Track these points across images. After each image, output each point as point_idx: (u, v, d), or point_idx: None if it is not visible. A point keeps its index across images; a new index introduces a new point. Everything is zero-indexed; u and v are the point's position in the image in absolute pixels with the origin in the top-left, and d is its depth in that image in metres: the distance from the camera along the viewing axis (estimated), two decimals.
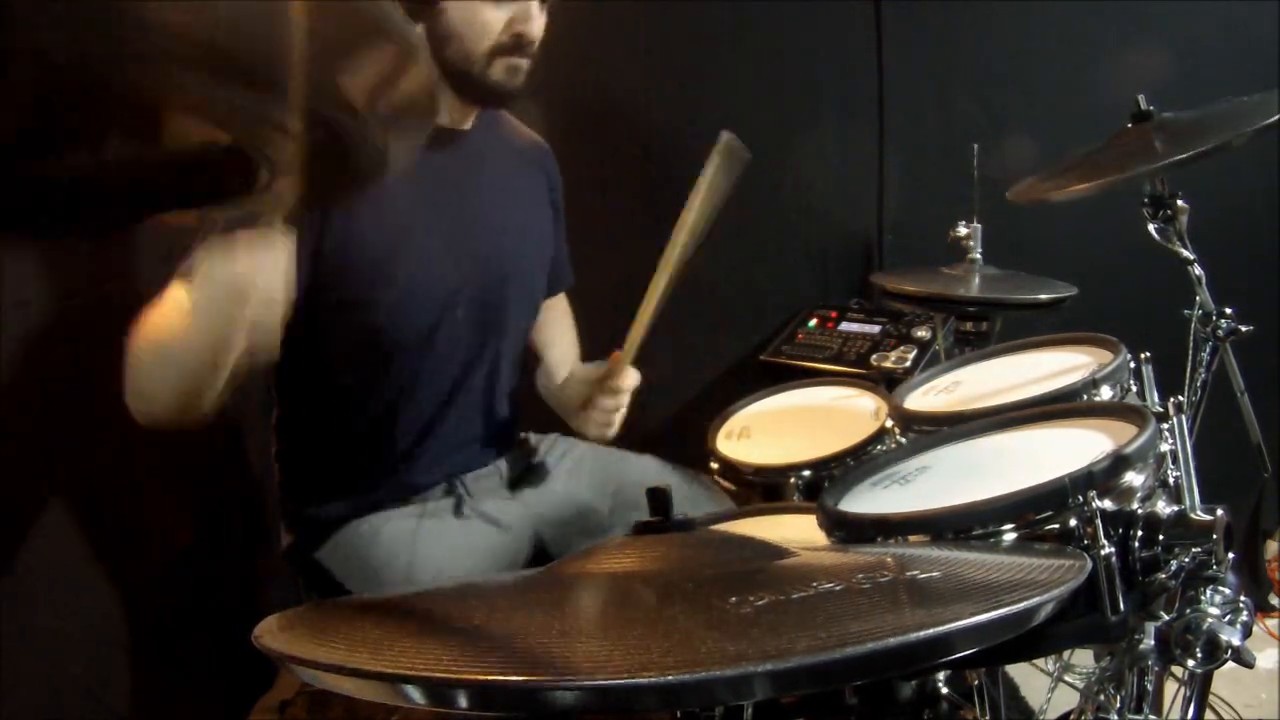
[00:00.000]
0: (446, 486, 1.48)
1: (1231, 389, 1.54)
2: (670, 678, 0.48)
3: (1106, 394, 1.15)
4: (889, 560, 0.74)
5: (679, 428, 2.39)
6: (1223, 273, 1.55)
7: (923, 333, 2.17)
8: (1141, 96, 1.53)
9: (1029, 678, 1.73)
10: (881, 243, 2.44)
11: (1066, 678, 1.48)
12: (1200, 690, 0.99)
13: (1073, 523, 0.84)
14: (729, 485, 1.54)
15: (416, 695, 0.51)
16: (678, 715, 0.86)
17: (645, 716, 1.05)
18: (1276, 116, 1.32)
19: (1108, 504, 0.84)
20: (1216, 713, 1.71)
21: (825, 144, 2.39)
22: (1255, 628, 0.93)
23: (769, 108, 2.33)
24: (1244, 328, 1.49)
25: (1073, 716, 1.13)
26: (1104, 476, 0.85)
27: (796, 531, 1.24)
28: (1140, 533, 0.83)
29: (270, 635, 0.64)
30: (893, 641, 0.50)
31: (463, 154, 1.44)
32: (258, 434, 1.77)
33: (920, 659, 0.53)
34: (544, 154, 1.63)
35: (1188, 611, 0.84)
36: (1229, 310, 1.50)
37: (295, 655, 0.58)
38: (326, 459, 1.47)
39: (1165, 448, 0.97)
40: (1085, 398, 1.14)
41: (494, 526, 1.47)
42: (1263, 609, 2.13)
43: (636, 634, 0.56)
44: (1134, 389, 1.19)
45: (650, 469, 1.60)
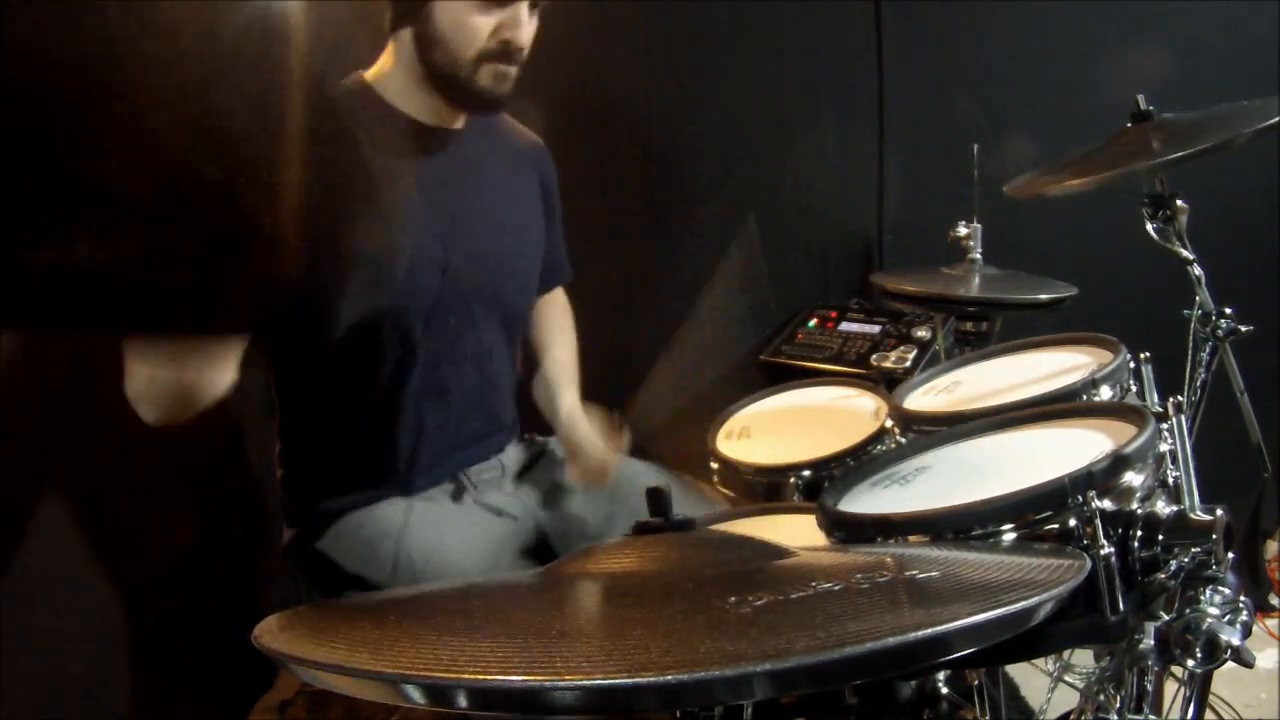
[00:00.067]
0: (451, 480, 1.49)
1: (1231, 389, 1.54)
2: (670, 678, 0.48)
3: (1106, 394, 1.15)
4: (888, 560, 0.74)
5: (679, 428, 2.39)
6: (1223, 273, 1.55)
7: (923, 333, 2.17)
8: (1141, 96, 1.54)
9: (1029, 678, 1.73)
10: (881, 243, 2.44)
11: (1066, 678, 1.48)
12: (1200, 690, 0.99)
13: (1072, 523, 0.84)
14: (726, 490, 1.54)
15: (416, 695, 0.51)
16: (677, 715, 0.86)
17: (645, 716, 1.05)
18: (1276, 119, 1.32)
19: (1107, 504, 0.84)
20: (1216, 713, 1.71)
21: (825, 144, 2.39)
22: (1255, 628, 0.93)
23: (769, 108, 2.33)
24: (1244, 328, 1.49)
25: (1073, 716, 1.13)
26: (1104, 476, 0.85)
27: (796, 531, 1.24)
28: (1140, 533, 0.83)
29: (270, 635, 0.64)
30: (892, 641, 0.50)
31: (458, 154, 1.44)
32: (258, 434, 1.77)
33: (920, 659, 0.53)
34: (540, 153, 1.62)
35: (1187, 611, 0.84)
36: (1229, 310, 1.50)
37: (295, 655, 0.58)
38: (328, 459, 1.47)
39: (1165, 448, 0.97)
40: (1085, 398, 1.14)
41: (492, 513, 1.48)
42: (1263, 609, 2.13)
43: (636, 634, 0.56)
44: (1134, 389, 1.19)
45: (648, 474, 1.60)
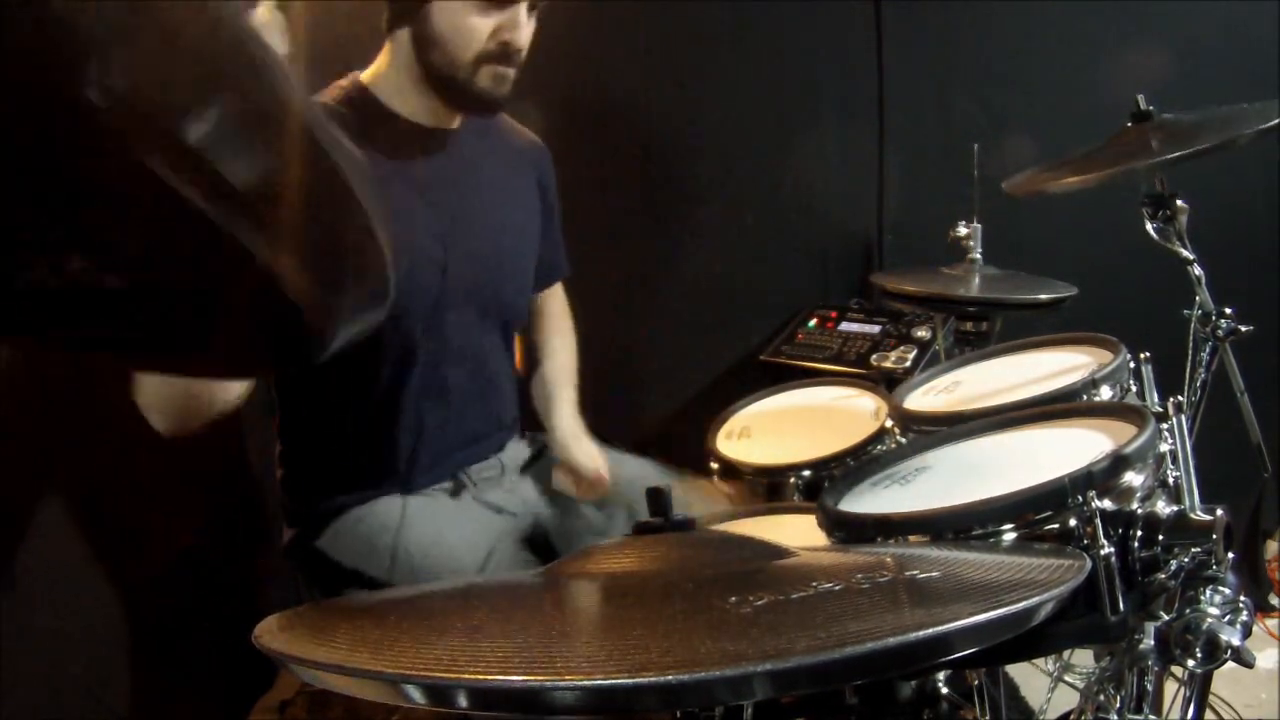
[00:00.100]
0: (451, 479, 1.49)
1: (1231, 389, 1.54)
2: (670, 678, 0.48)
3: (1106, 394, 1.15)
4: (888, 560, 0.74)
5: (679, 428, 2.39)
6: (1223, 273, 1.55)
7: (923, 333, 2.16)
8: (1141, 96, 1.54)
9: (1029, 678, 1.73)
10: (881, 243, 2.44)
11: (1066, 678, 1.48)
12: (1200, 690, 0.99)
13: (1072, 523, 0.84)
14: (726, 489, 1.54)
15: (416, 695, 0.50)
16: (677, 715, 0.86)
17: (645, 717, 1.05)
18: (1275, 121, 1.32)
19: (1107, 504, 0.84)
20: (1216, 713, 1.71)
21: (825, 144, 2.39)
22: (1255, 628, 0.93)
23: (769, 108, 2.33)
24: (1244, 328, 1.49)
25: (1073, 716, 1.13)
26: (1104, 476, 0.85)
27: (796, 531, 1.24)
28: (1140, 533, 0.83)
29: (270, 635, 0.64)
30: (892, 641, 0.50)
31: (455, 154, 1.44)
32: (258, 434, 1.77)
33: (920, 659, 0.53)
34: (538, 152, 1.62)
35: (1188, 611, 0.84)
36: (1229, 310, 1.50)
37: (295, 655, 0.58)
38: (328, 458, 1.47)
39: (1165, 448, 0.97)
40: (1085, 398, 1.14)
41: (491, 509, 1.48)
42: (1263, 609, 2.13)
43: (636, 634, 0.56)
44: (1134, 389, 1.19)
45: (647, 471, 1.60)
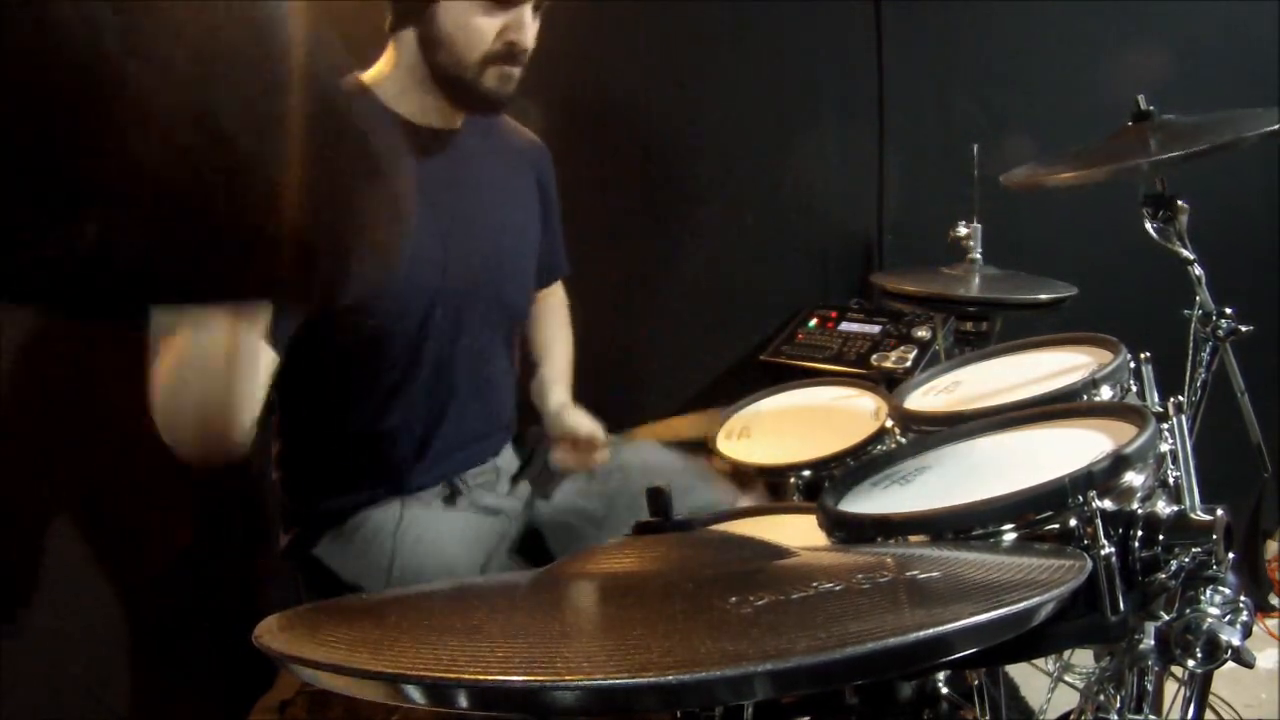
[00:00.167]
0: (446, 484, 1.49)
1: (1231, 389, 1.54)
2: (670, 678, 0.48)
3: (1106, 394, 1.15)
4: (889, 560, 0.74)
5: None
6: (1223, 273, 1.55)
7: (923, 333, 2.16)
8: (1141, 96, 1.54)
9: (1029, 678, 1.73)
10: (881, 243, 2.44)
11: (1066, 678, 1.48)
12: (1200, 690, 0.99)
13: (1073, 523, 0.84)
14: (725, 468, 1.54)
15: (416, 695, 0.50)
16: (678, 715, 0.86)
17: (645, 717, 1.05)
18: (1276, 126, 1.32)
19: (1108, 504, 0.84)
20: (1216, 713, 1.71)
21: (825, 144, 2.39)
22: (1255, 628, 0.93)
23: (769, 108, 2.33)
24: (1244, 328, 1.49)
25: (1073, 716, 1.13)
26: (1104, 476, 0.85)
27: (796, 531, 1.24)
28: (1140, 533, 0.83)
29: (270, 635, 0.64)
30: (893, 642, 0.50)
31: (457, 154, 1.44)
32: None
33: (920, 659, 0.53)
34: (538, 152, 1.62)
35: (1188, 611, 0.84)
36: (1229, 310, 1.50)
37: (295, 655, 0.58)
38: (326, 460, 1.47)
39: (1165, 448, 0.97)
40: (1085, 398, 1.14)
41: (485, 514, 1.48)
42: (1263, 609, 2.13)
43: (636, 634, 0.56)
44: (1134, 389, 1.19)
45: (646, 452, 1.59)
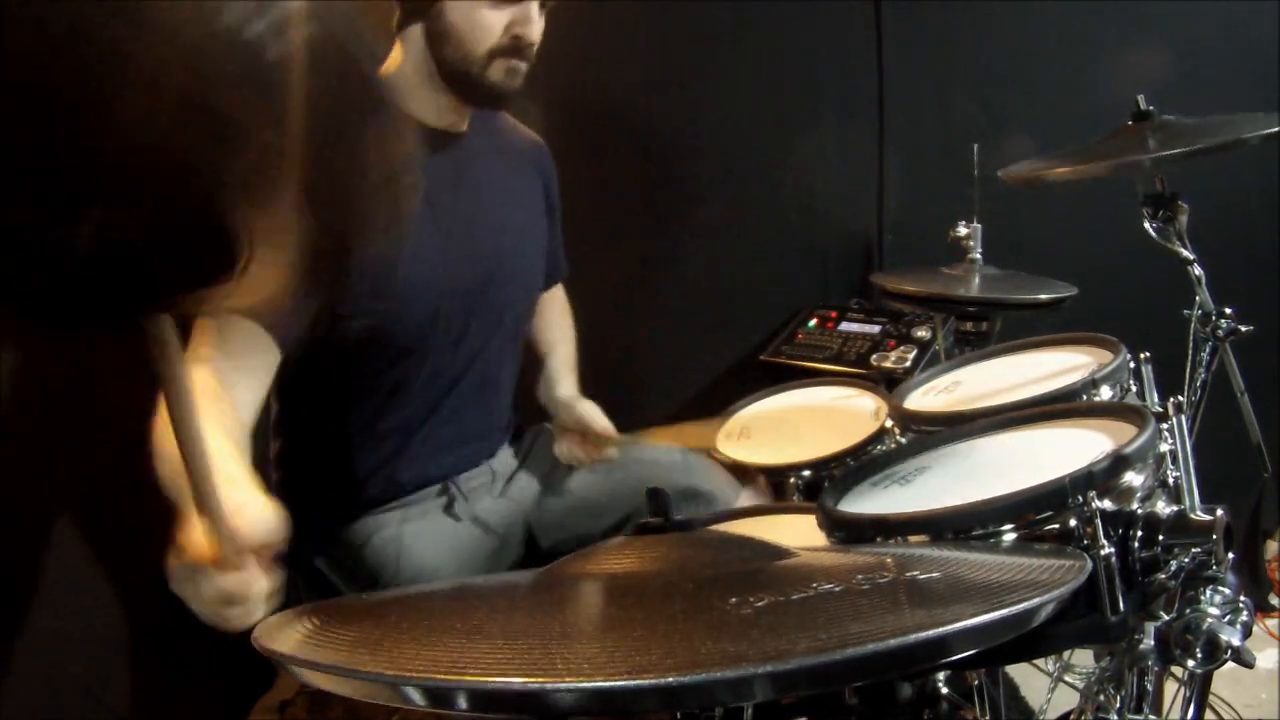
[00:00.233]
0: (440, 488, 1.49)
1: (1231, 389, 1.54)
2: (670, 679, 0.48)
3: (1106, 394, 1.15)
4: (889, 561, 0.74)
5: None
6: (1222, 273, 1.55)
7: (923, 333, 2.16)
8: (1141, 96, 1.54)
9: (1029, 678, 1.73)
10: (881, 243, 2.44)
11: (1066, 678, 1.48)
12: (1200, 690, 0.99)
13: (1073, 523, 0.84)
14: (727, 459, 1.54)
15: (416, 695, 0.50)
16: (678, 716, 0.86)
17: (645, 717, 1.05)
18: (1276, 128, 1.33)
19: (1108, 504, 0.84)
20: (1216, 713, 1.71)
21: (825, 144, 2.39)
22: (1255, 628, 0.93)
23: (769, 108, 2.33)
24: (1244, 328, 1.49)
25: (1073, 716, 1.13)
26: (1104, 476, 0.85)
27: (796, 531, 1.24)
28: (1140, 533, 0.83)
29: (270, 635, 0.64)
30: (893, 642, 0.50)
31: (460, 155, 1.44)
32: (257, 435, 1.77)
33: (920, 660, 0.53)
34: (540, 152, 1.63)
35: (1188, 611, 0.84)
36: (1229, 310, 1.50)
37: (295, 655, 0.58)
38: (325, 459, 1.47)
39: (1165, 448, 0.97)
40: (1085, 398, 1.14)
41: (483, 530, 1.48)
42: (1263, 609, 2.13)
43: (636, 635, 0.56)
44: (1134, 389, 1.19)
45: (646, 453, 1.59)
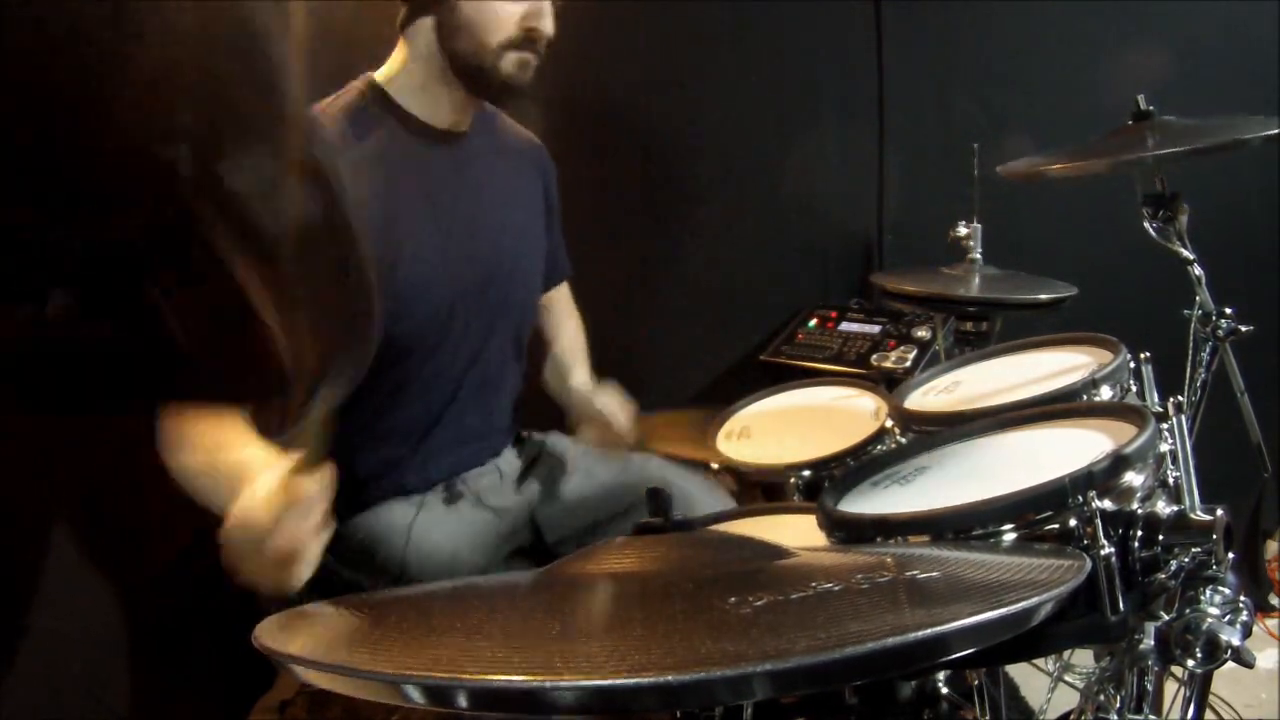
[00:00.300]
0: (446, 484, 1.49)
1: (1231, 389, 1.54)
2: (670, 678, 0.48)
3: (1106, 394, 1.15)
4: (888, 560, 0.74)
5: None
6: (1222, 273, 1.55)
7: (923, 333, 2.16)
8: (1141, 96, 1.54)
9: (1029, 678, 1.73)
10: (881, 243, 2.44)
11: (1066, 678, 1.48)
12: (1200, 690, 0.99)
13: (1072, 523, 0.84)
14: (730, 486, 1.54)
15: (416, 695, 0.50)
16: (677, 715, 0.86)
17: (645, 717, 1.05)
18: (1276, 131, 1.33)
19: (1107, 504, 0.84)
20: (1216, 713, 1.71)
21: (825, 144, 2.39)
22: (1255, 628, 0.93)
23: (769, 108, 2.33)
24: (1244, 328, 1.49)
25: (1073, 716, 1.13)
26: (1104, 476, 0.85)
27: (796, 531, 1.24)
28: (1140, 533, 0.83)
29: (270, 635, 0.64)
30: (892, 642, 0.50)
31: (461, 155, 1.44)
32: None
33: (920, 659, 0.53)
34: (539, 152, 1.63)
35: (1188, 611, 0.84)
36: (1229, 310, 1.50)
37: (295, 655, 0.58)
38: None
39: (1165, 448, 0.97)
40: (1085, 398, 1.14)
41: (492, 514, 1.48)
42: (1263, 609, 2.13)
43: (636, 634, 0.56)
44: (1134, 389, 1.19)
45: (651, 466, 1.60)
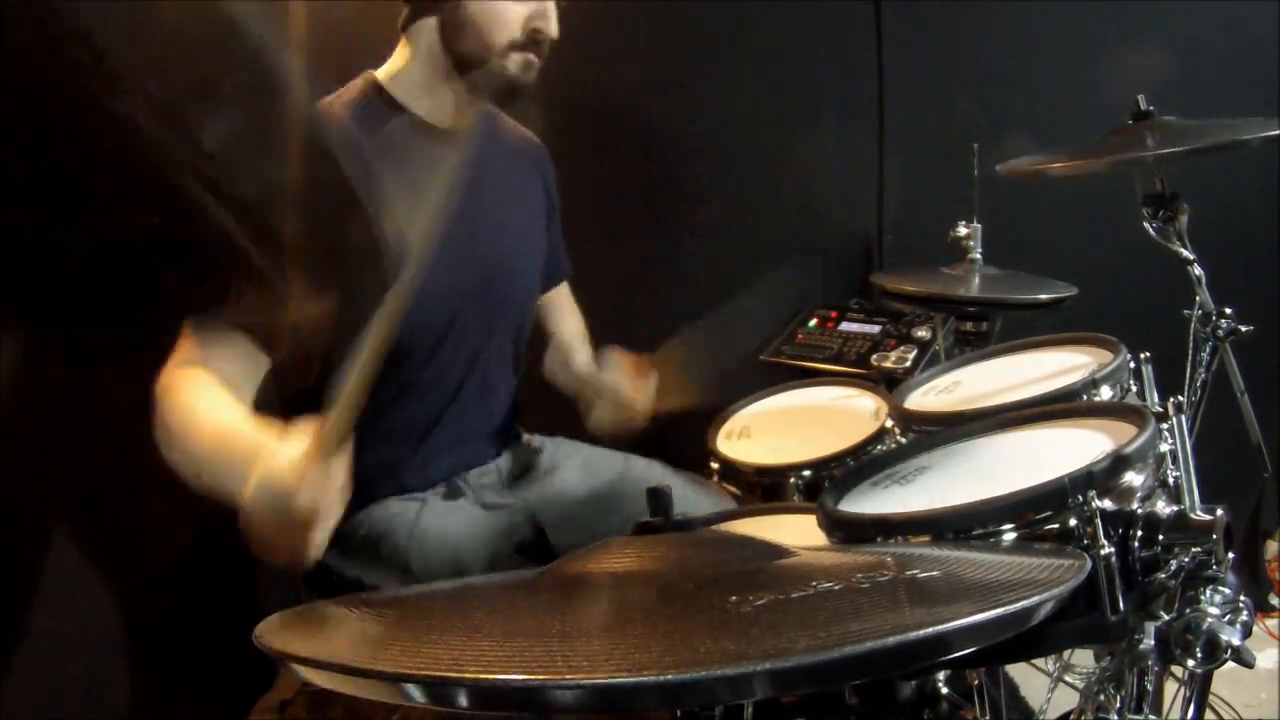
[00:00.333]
0: (447, 484, 1.49)
1: (1231, 389, 1.54)
2: (670, 677, 0.48)
3: (1106, 394, 1.15)
4: (889, 560, 0.74)
5: (679, 428, 2.38)
6: (1222, 273, 1.55)
7: (923, 333, 2.16)
8: (1141, 96, 1.54)
9: (1029, 678, 1.73)
10: (881, 243, 2.44)
11: (1066, 678, 1.48)
12: (1200, 690, 0.99)
13: (1072, 523, 0.84)
14: (732, 489, 1.53)
15: (416, 695, 0.51)
16: (678, 715, 0.86)
17: (645, 716, 1.05)
18: (1276, 131, 1.33)
19: (1107, 504, 0.84)
20: (1216, 713, 1.71)
21: (825, 144, 2.39)
22: (1255, 628, 0.93)
23: (769, 108, 2.33)
24: (1244, 328, 1.49)
25: (1073, 716, 1.13)
26: (1104, 476, 0.85)
27: (796, 531, 1.24)
28: (1140, 533, 0.83)
29: (270, 635, 0.64)
30: (892, 641, 0.50)
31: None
32: None
33: (920, 658, 0.53)
34: (539, 152, 1.63)
35: (1188, 611, 0.84)
36: (1229, 310, 1.50)
37: (295, 655, 0.58)
38: None
39: (1165, 448, 0.97)
40: (1085, 398, 1.14)
41: (494, 511, 1.48)
42: (1263, 609, 2.13)
43: (636, 634, 0.56)
44: (1134, 389, 1.19)
45: (653, 472, 1.60)
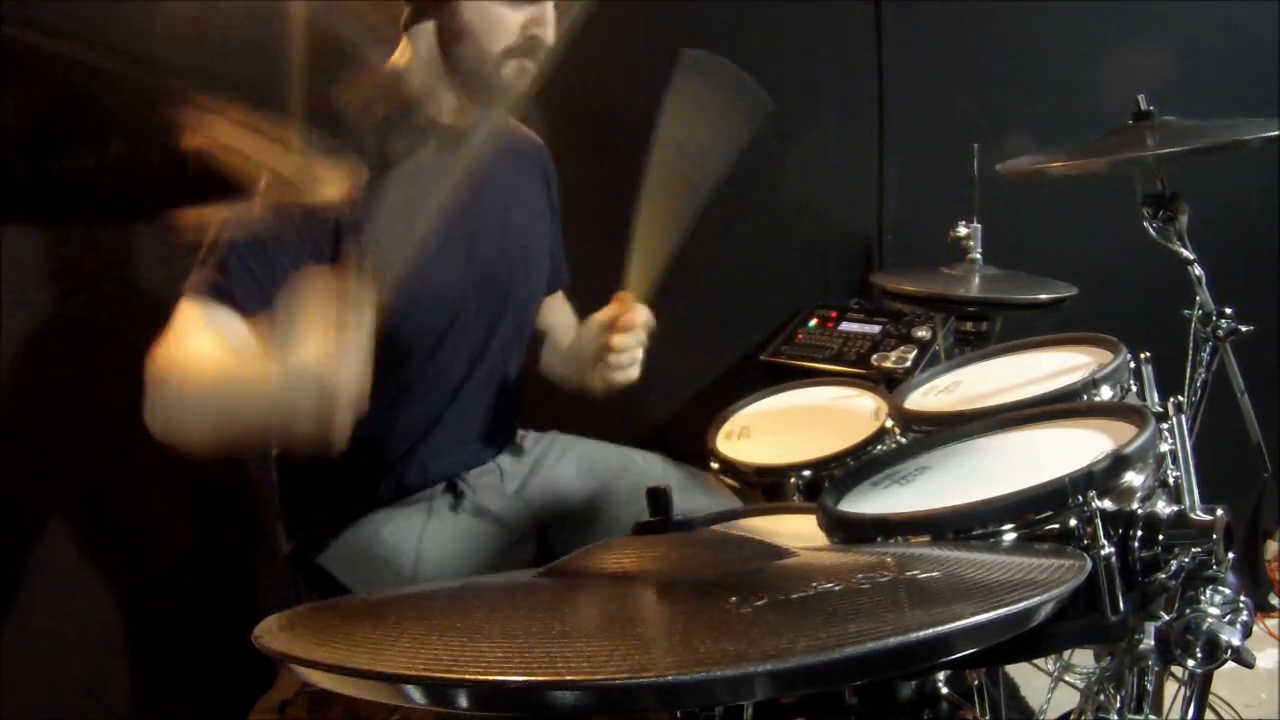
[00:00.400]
0: (447, 484, 1.49)
1: (1231, 389, 1.54)
2: (670, 678, 0.48)
3: (1106, 394, 1.15)
4: (889, 560, 0.74)
5: (679, 428, 2.39)
6: (1222, 273, 1.55)
7: (923, 333, 2.16)
8: (1141, 96, 1.54)
9: (1029, 678, 1.73)
10: (881, 243, 2.44)
11: (1066, 678, 1.48)
12: (1200, 690, 0.99)
13: (1073, 523, 0.84)
14: (731, 484, 1.53)
15: (416, 695, 0.51)
16: (678, 715, 0.86)
17: (645, 716, 1.05)
18: (1276, 131, 1.33)
19: (1108, 504, 0.84)
20: (1216, 713, 1.71)
21: (825, 144, 2.39)
22: (1255, 628, 0.93)
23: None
24: (1244, 328, 1.49)
25: (1073, 716, 1.13)
26: (1104, 476, 0.85)
27: (796, 531, 1.24)
28: (1140, 533, 0.83)
29: (270, 635, 0.64)
30: (892, 641, 0.50)
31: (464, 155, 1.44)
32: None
33: (920, 659, 0.53)
34: (541, 153, 1.63)
35: (1188, 611, 0.84)
36: (1229, 310, 1.50)
37: (295, 655, 0.58)
38: (327, 459, 1.47)
39: (1165, 448, 0.97)
40: (1085, 398, 1.14)
41: (495, 524, 1.47)
42: (1263, 609, 2.13)
43: (636, 634, 0.56)
44: (1134, 389, 1.19)
45: (653, 467, 1.60)
